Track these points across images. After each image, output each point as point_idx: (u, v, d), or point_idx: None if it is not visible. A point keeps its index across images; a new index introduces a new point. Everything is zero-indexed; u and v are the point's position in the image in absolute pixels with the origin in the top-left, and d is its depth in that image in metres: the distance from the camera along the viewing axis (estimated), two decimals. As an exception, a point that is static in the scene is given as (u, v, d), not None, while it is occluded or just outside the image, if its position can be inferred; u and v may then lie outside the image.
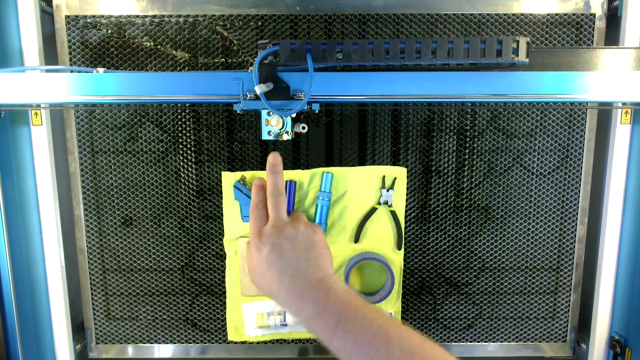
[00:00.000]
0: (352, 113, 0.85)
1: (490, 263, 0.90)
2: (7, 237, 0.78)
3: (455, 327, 0.93)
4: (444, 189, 0.88)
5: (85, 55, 0.82)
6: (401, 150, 0.86)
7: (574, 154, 0.86)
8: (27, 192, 0.83)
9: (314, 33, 0.82)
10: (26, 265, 0.84)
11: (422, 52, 0.65)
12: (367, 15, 0.81)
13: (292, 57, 0.66)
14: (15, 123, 0.80)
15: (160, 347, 0.93)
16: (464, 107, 0.85)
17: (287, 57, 0.66)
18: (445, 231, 0.89)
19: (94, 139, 0.85)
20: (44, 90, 0.68)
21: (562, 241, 0.89)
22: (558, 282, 0.91)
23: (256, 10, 0.81)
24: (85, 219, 0.88)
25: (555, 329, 0.93)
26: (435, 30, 0.82)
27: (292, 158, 0.86)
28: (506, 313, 0.92)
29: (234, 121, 0.85)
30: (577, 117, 0.85)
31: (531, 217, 0.88)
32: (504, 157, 0.86)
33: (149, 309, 0.92)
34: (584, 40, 0.82)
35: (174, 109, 0.84)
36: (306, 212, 0.86)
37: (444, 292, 0.92)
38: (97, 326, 0.92)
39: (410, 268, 0.90)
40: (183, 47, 0.82)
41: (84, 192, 0.87)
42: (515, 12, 0.81)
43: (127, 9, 0.80)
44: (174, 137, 0.85)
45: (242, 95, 0.67)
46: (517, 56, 0.66)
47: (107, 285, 0.91)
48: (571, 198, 0.87)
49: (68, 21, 0.81)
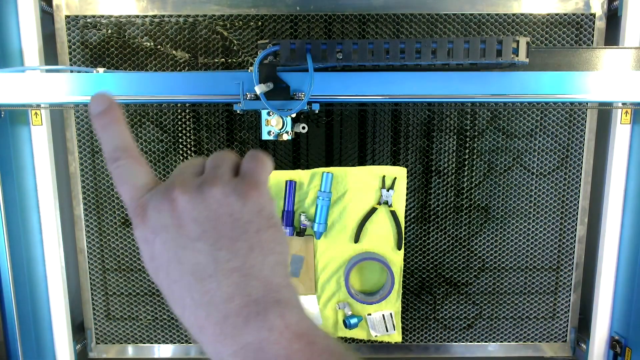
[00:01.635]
0: (352, 113, 0.85)
1: (490, 263, 0.90)
2: (7, 237, 0.78)
3: (455, 327, 0.93)
4: (444, 189, 0.87)
5: (85, 55, 0.82)
6: (401, 150, 0.86)
7: (574, 154, 0.86)
8: (27, 192, 0.83)
9: (314, 33, 0.82)
10: (26, 265, 0.83)
11: (422, 52, 0.65)
12: (367, 15, 0.81)
13: (292, 57, 0.66)
14: (15, 123, 0.80)
15: (160, 347, 0.93)
16: (464, 107, 0.84)
17: (287, 57, 0.66)
18: (445, 231, 0.89)
19: (94, 139, 0.85)
20: (44, 90, 0.68)
21: (562, 241, 0.89)
22: (558, 282, 0.91)
23: (256, 10, 0.81)
24: (85, 219, 0.88)
25: (555, 329, 0.93)
26: (435, 30, 0.82)
27: (292, 158, 0.86)
28: (506, 313, 0.92)
29: (234, 121, 0.85)
30: (577, 117, 0.85)
31: (531, 217, 0.88)
32: (504, 157, 0.86)
33: (149, 309, 0.92)
34: (584, 40, 0.82)
35: (174, 109, 0.84)
36: (306, 212, 0.86)
37: (444, 292, 0.92)
38: (97, 326, 0.92)
39: (410, 268, 0.90)
40: (183, 47, 0.82)
41: (84, 192, 0.87)
42: (515, 12, 0.81)
43: (127, 9, 0.80)
44: (174, 137, 0.85)
45: (242, 95, 0.67)
46: (517, 56, 0.66)
47: (107, 285, 0.91)
48: (571, 198, 0.87)
49: (68, 21, 0.81)
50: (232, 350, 0.26)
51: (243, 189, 0.28)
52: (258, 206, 0.29)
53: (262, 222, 0.29)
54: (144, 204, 0.28)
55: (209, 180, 0.28)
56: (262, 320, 0.26)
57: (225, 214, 0.28)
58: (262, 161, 0.30)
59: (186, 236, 0.28)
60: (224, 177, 0.29)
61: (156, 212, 0.28)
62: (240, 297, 0.27)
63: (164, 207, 0.28)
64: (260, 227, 0.29)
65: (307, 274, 0.89)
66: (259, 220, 0.29)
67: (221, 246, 0.27)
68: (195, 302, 0.27)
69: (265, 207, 0.29)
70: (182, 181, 0.29)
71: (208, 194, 0.28)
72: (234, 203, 0.28)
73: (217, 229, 0.28)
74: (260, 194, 0.29)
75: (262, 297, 0.27)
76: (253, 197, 0.29)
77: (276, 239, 0.29)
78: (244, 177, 0.30)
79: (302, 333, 0.27)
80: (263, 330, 0.26)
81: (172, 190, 0.28)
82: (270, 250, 0.29)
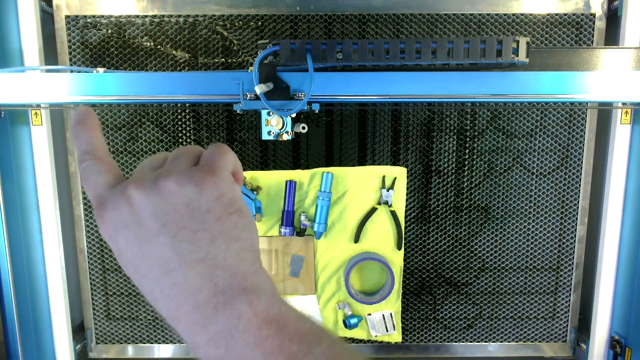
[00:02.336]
0: (352, 113, 0.85)
1: (490, 263, 0.90)
2: (7, 237, 0.78)
3: (455, 327, 0.93)
4: (444, 189, 0.87)
5: (85, 55, 0.82)
6: (401, 150, 0.86)
7: (574, 154, 0.86)
8: (27, 192, 0.83)
9: (314, 33, 0.82)
10: (26, 265, 0.83)
11: (422, 52, 0.65)
12: (367, 15, 0.81)
13: (292, 57, 0.66)
14: (15, 123, 0.80)
15: (160, 347, 0.93)
16: (464, 107, 0.84)
17: (287, 57, 0.66)
18: (445, 231, 0.89)
19: (94, 139, 0.85)
20: (44, 90, 0.68)
21: (562, 241, 0.89)
22: (558, 282, 0.91)
23: (256, 10, 0.81)
24: (85, 219, 0.88)
25: (555, 329, 0.93)
26: (435, 30, 0.82)
27: (292, 158, 0.86)
28: (506, 313, 0.92)
29: (234, 121, 0.85)
30: (577, 117, 0.85)
31: (531, 217, 0.88)
32: (504, 157, 0.86)
33: (149, 309, 0.92)
34: (584, 40, 0.82)
35: (174, 109, 0.84)
36: (306, 212, 0.86)
37: (444, 292, 0.92)
38: (97, 326, 0.92)
39: (410, 268, 0.90)
40: (183, 47, 0.82)
41: (84, 192, 0.87)
42: (515, 12, 0.81)
43: (127, 9, 0.80)
44: (174, 137, 0.85)
45: (242, 95, 0.67)
46: (517, 56, 0.66)
47: (107, 285, 0.91)
48: (571, 198, 0.87)
49: (68, 21, 0.81)
50: (205, 339, 0.27)
51: (199, 177, 0.28)
52: (216, 193, 0.28)
53: (222, 209, 0.28)
54: (104, 203, 0.28)
55: (164, 173, 0.28)
56: (230, 309, 0.27)
57: (182, 204, 0.27)
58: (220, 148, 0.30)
59: (147, 231, 0.27)
60: (180, 167, 0.29)
61: (115, 210, 0.28)
62: (207, 287, 0.27)
63: (121, 205, 0.28)
64: (220, 214, 0.28)
65: (307, 274, 0.89)
66: (219, 207, 0.28)
67: (182, 238, 0.27)
68: (164, 295, 0.27)
69: (224, 193, 0.28)
70: (138, 177, 0.28)
71: (162, 186, 0.27)
72: (190, 193, 0.28)
73: (176, 221, 0.27)
74: (218, 180, 0.28)
75: (228, 287, 0.27)
76: (210, 185, 0.28)
77: (239, 225, 0.29)
78: (201, 165, 0.29)
79: (272, 319, 0.27)
80: (232, 318, 0.26)
81: (128, 187, 0.28)
82: (234, 237, 0.28)
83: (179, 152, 0.30)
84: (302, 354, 0.27)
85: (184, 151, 0.31)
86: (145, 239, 0.27)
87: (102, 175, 0.29)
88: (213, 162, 0.29)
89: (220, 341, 0.26)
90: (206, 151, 0.30)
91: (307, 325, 0.28)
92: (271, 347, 0.26)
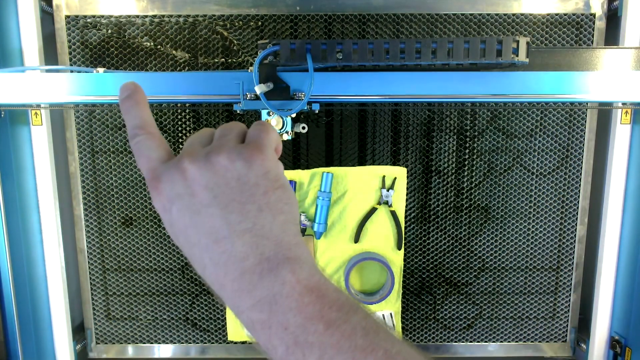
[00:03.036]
0: (352, 113, 0.85)
1: (490, 263, 0.90)
2: (7, 237, 0.78)
3: (455, 327, 0.93)
4: (444, 189, 0.88)
5: (85, 55, 0.82)
6: (401, 150, 0.86)
7: (574, 154, 0.86)
8: (27, 192, 0.83)
9: (314, 33, 0.82)
10: (26, 265, 0.84)
11: (422, 52, 0.65)
12: (367, 15, 0.81)
13: (292, 57, 0.66)
14: (15, 123, 0.80)
15: (160, 347, 0.93)
16: (464, 107, 0.85)
17: (287, 57, 0.66)
18: (445, 231, 0.89)
19: (94, 139, 0.85)
20: (44, 90, 0.68)
21: (562, 241, 0.89)
22: (558, 282, 0.91)
23: (256, 10, 0.81)
24: (85, 219, 0.88)
25: (555, 329, 0.93)
26: (435, 30, 0.82)
27: (292, 158, 0.86)
28: (506, 313, 0.92)
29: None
30: (577, 117, 0.85)
31: (531, 217, 0.88)
32: (504, 157, 0.86)
33: (149, 309, 0.92)
34: (584, 40, 0.82)
35: (174, 109, 0.84)
36: (306, 212, 0.86)
37: (444, 292, 0.92)
38: (97, 326, 0.92)
39: (410, 268, 0.90)
40: (183, 47, 0.82)
41: (84, 192, 0.87)
42: (515, 12, 0.81)
43: (127, 9, 0.80)
44: (174, 137, 0.85)
45: (242, 95, 0.67)
46: (517, 56, 0.66)
47: (107, 285, 0.91)
48: (571, 198, 0.87)
49: (68, 21, 0.81)
50: (249, 304, 0.29)
51: (248, 154, 0.30)
52: (263, 169, 0.30)
53: (269, 184, 0.31)
54: (158, 176, 0.31)
55: (216, 149, 0.30)
56: (274, 276, 0.29)
57: (233, 178, 0.30)
58: (266, 127, 0.33)
59: (199, 202, 0.30)
60: (230, 144, 0.31)
61: (169, 182, 0.30)
62: (254, 255, 0.29)
63: (176, 178, 0.30)
64: (267, 189, 0.30)
65: (307, 274, 0.89)
66: (266, 182, 0.30)
67: (232, 209, 0.29)
68: (213, 262, 0.30)
69: (270, 170, 0.31)
70: (190, 152, 0.31)
71: (215, 161, 0.30)
72: (240, 168, 0.30)
73: (227, 194, 0.30)
74: (265, 158, 0.31)
75: (273, 255, 0.29)
76: (258, 161, 0.30)
77: (283, 199, 0.31)
78: (249, 143, 0.31)
79: (313, 287, 0.29)
80: (276, 284, 0.28)
81: (182, 161, 0.30)
82: (279, 210, 0.31)
83: (225, 129, 0.33)
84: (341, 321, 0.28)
85: (230, 127, 0.33)
86: (197, 210, 0.30)
87: (155, 150, 0.32)
88: (259, 140, 0.32)
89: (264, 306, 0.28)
90: (251, 129, 0.33)
91: (344, 296, 0.30)
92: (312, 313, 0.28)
